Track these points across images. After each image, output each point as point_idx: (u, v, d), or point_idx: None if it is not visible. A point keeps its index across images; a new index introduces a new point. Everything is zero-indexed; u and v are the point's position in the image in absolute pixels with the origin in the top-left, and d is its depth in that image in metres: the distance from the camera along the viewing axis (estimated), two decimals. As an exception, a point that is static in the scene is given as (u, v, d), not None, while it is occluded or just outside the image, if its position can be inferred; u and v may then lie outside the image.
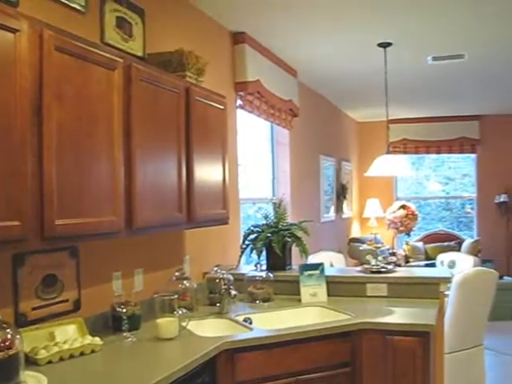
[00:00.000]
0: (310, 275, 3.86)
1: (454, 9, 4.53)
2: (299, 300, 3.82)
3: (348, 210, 9.68)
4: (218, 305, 3.55)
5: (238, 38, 4.96)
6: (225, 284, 3.58)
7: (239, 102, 4.99)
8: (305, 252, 4.18)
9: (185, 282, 3.56)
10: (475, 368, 4.85)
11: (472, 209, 11.01)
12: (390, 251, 9.04)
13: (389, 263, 4.22)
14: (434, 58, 6.03)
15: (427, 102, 8.96)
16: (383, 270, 4.02)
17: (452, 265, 6.22)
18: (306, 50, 5.68)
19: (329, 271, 4.13)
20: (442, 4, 4.41)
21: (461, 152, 10.71)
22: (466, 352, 4.74)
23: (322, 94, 8.11)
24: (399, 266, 6.05)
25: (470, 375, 4.79)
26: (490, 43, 5.54)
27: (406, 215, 8.90)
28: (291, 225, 4.30)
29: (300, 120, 6.63)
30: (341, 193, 9.16)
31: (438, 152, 10.76)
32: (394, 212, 9.02)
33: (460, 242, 10.06)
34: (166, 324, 2.90)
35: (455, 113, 10.08)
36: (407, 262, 9.60)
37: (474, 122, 10.39)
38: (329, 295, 3.86)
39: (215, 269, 3.83)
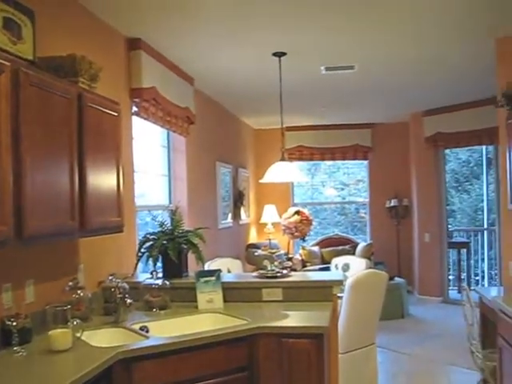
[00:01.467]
0: (207, 282, 3.88)
1: (344, 22, 4.70)
2: (196, 307, 3.83)
3: (245, 216, 9.79)
4: (113, 314, 3.49)
5: (133, 43, 4.91)
6: (120, 293, 3.53)
7: (134, 108, 4.94)
8: (201, 259, 4.19)
9: (79, 291, 3.48)
10: (368, 366, 5.03)
11: (365, 213, 11.41)
12: (287, 256, 9.20)
13: (284, 268, 4.30)
14: (327, 69, 6.23)
15: (322, 110, 9.20)
16: (278, 274, 4.10)
17: (346, 268, 6.41)
18: (203, 58, 5.71)
19: (225, 277, 4.17)
20: (333, 17, 4.57)
21: (354, 159, 11.10)
22: (359, 351, 4.91)
23: (219, 102, 8.16)
24: (295, 270, 6.17)
25: (363, 373, 4.96)
26: (377, 56, 5.80)
27: (301, 221, 9.08)
28: (187, 232, 4.30)
29: (197, 127, 6.64)
30: (238, 199, 9.24)
31: (333, 159, 11.10)
32: (288, 218, 9.18)
33: (354, 245, 10.37)
34: (59, 336, 2.82)
35: (349, 121, 10.44)
36: (304, 266, 9.80)
37: (366, 129, 10.79)
38: (225, 301, 3.89)
39: (110, 277, 3.77)
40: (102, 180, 3.41)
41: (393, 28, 4.90)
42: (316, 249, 10.39)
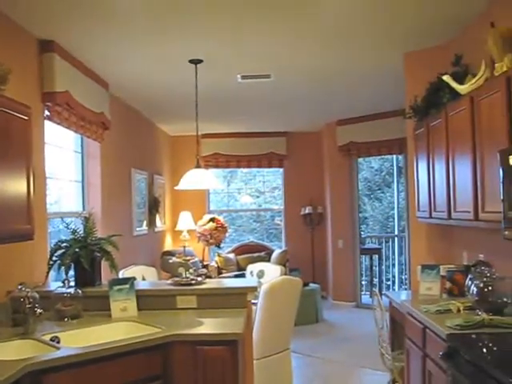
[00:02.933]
0: (120, 290, 3.82)
1: (260, 31, 4.76)
2: (109, 315, 3.76)
3: (161, 224, 9.70)
4: (23, 325, 3.37)
5: (46, 46, 4.78)
6: (30, 302, 3.42)
7: (47, 113, 4.81)
8: (114, 266, 4.13)
9: (-15, 302, 3.34)
10: (283, 371, 5.10)
11: (281, 220, 11.54)
12: (202, 263, 9.19)
13: (199, 275, 4.30)
14: (243, 77, 6.28)
15: (238, 118, 9.27)
16: (193, 282, 4.09)
17: (261, 274, 6.48)
18: (118, 63, 5.63)
19: (139, 285, 4.12)
20: (250, 26, 4.63)
21: (269, 166, 11.22)
22: (274, 357, 4.96)
23: (135, 108, 8.07)
24: (210, 277, 6.17)
25: (278, 378, 5.02)
26: (293, 65, 5.91)
27: (216, 228, 9.10)
28: (100, 239, 4.22)
29: (112, 133, 6.53)
30: (153, 206, 9.15)
31: (248, 166, 11.18)
32: (203, 225, 9.18)
33: (270, 252, 10.49)
34: (-37, 348, 2.70)
35: (265, 129, 10.55)
36: (220, 273, 9.81)
37: (281, 138, 10.93)
38: (140, 309, 3.84)
39: (20, 287, 3.64)
40: (11, 186, 3.30)
41: (308, 39, 5.01)
42: (232, 256, 10.43)
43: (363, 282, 10.56)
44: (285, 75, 6.31)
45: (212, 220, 9.19)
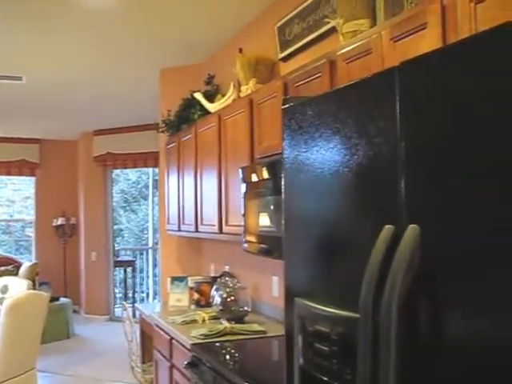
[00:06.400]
0: None
1: (12, 28, 4.50)
2: None
3: None
4: None
5: None
6: None
7: None
8: None
9: None
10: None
11: (32, 232, 10.99)
12: None
13: None
14: (-10, 76, 5.90)
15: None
16: None
17: (5, 289, 6.12)
18: None
19: None
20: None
21: (20, 174, 10.59)
22: (17, 379, 4.70)
23: None
24: None
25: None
26: (48, 70, 5.70)
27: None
28: None
29: None
30: None
31: (-4, 173, 10.47)
32: None
33: (18, 265, 9.90)
34: None
35: (15, 134, 9.96)
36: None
37: (34, 145, 10.42)
38: None
39: None
40: None
41: (63, 44, 4.87)
42: (-25, 270, 9.68)
43: (118, 295, 10.47)
44: (38, 79, 6.03)
45: None
